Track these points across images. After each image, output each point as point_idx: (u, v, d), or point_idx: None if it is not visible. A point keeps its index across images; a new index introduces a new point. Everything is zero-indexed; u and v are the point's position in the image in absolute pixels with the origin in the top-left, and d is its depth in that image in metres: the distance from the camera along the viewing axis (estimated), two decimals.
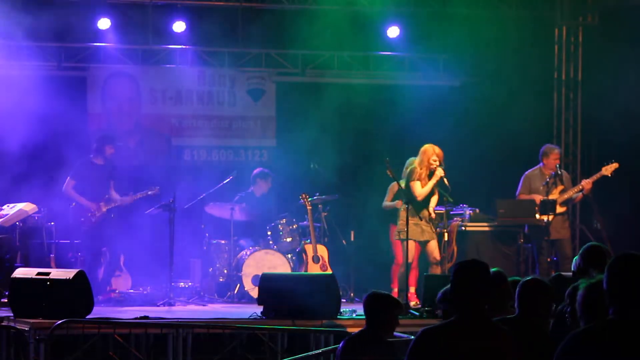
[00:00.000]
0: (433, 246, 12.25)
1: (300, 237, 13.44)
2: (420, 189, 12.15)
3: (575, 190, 13.16)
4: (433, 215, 12.30)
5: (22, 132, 13.61)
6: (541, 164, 13.21)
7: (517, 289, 5.77)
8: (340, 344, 6.83)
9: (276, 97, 15.27)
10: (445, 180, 12.13)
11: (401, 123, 14.79)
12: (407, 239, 11.97)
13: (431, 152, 12.17)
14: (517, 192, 13.36)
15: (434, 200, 12.33)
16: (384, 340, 6.77)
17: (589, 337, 3.89)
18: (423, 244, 12.25)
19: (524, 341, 5.23)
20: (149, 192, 12.80)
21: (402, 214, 12.08)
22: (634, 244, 13.21)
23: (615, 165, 12.95)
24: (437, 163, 12.11)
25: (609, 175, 12.95)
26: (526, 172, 13.36)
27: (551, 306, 5.80)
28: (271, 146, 15.28)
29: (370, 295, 6.90)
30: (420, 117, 14.82)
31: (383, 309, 6.79)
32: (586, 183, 13.09)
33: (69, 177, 12.51)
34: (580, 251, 6.41)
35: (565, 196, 13.13)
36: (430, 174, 12.19)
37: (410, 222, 11.98)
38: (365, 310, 6.88)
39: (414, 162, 12.29)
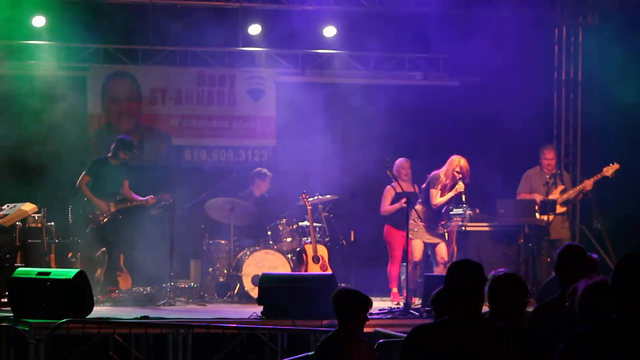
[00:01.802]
0: (442, 247, 12.42)
1: (300, 237, 13.44)
2: (438, 199, 12.28)
3: (576, 190, 13.18)
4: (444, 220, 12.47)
5: (23, 131, 13.62)
6: (539, 163, 13.29)
7: (488, 285, 5.63)
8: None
9: (276, 97, 15.26)
10: (463, 196, 12.21)
11: (401, 123, 14.78)
12: (411, 238, 12.05)
13: (456, 163, 12.26)
14: (518, 191, 13.37)
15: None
16: (356, 338, 6.75)
17: (591, 337, 3.89)
18: (432, 246, 12.35)
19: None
20: (164, 197, 12.79)
21: (412, 214, 12.18)
22: (634, 244, 13.21)
23: (616, 166, 12.97)
24: (460, 176, 12.18)
25: (610, 175, 12.98)
26: (526, 171, 13.40)
27: (526, 300, 5.69)
28: (271, 146, 15.28)
29: (338, 293, 6.87)
30: (420, 117, 14.81)
31: (351, 306, 6.76)
32: (587, 183, 13.11)
33: (84, 173, 12.59)
34: (557, 251, 6.44)
35: (566, 196, 13.14)
36: (452, 186, 12.31)
37: (421, 223, 12.18)
38: (334, 308, 6.82)
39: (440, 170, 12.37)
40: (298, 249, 13.21)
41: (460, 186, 12.20)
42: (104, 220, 12.54)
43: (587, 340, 3.89)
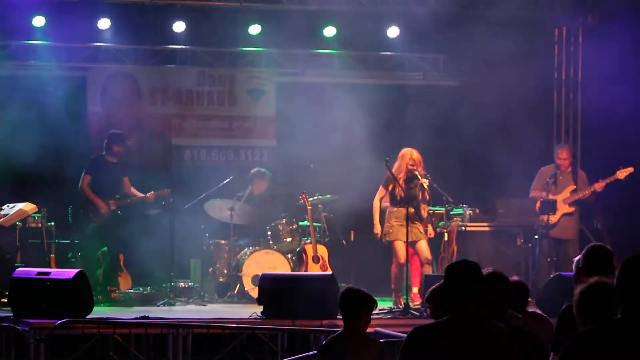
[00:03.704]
0: (421, 246, 12.18)
1: (300, 237, 13.44)
2: (377, 194, 12.25)
3: (588, 191, 13.10)
4: (425, 214, 12.31)
5: (22, 131, 13.62)
6: (554, 162, 13.25)
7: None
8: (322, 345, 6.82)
9: (276, 97, 15.26)
10: (425, 184, 12.01)
11: (401, 123, 14.78)
12: (392, 240, 12.08)
13: (408, 157, 12.14)
14: (532, 187, 13.33)
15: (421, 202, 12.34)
16: (362, 337, 6.74)
17: (594, 336, 3.88)
18: (411, 245, 12.23)
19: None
20: (164, 193, 12.84)
21: (397, 214, 12.14)
22: (634, 244, 13.20)
23: (630, 170, 12.90)
24: (414, 168, 12.07)
25: (623, 178, 12.93)
26: (541, 168, 13.37)
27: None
28: (271, 146, 15.28)
29: (346, 291, 6.85)
30: (420, 117, 14.79)
31: (356, 304, 6.74)
32: (598, 185, 13.04)
33: (84, 173, 12.70)
34: (584, 251, 6.30)
35: (577, 196, 13.10)
36: (408, 179, 12.15)
37: (395, 223, 12.10)
38: (341, 308, 6.76)
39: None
40: (298, 249, 13.21)
41: (425, 182, 12.06)
42: (106, 218, 12.59)
43: (590, 339, 3.89)
